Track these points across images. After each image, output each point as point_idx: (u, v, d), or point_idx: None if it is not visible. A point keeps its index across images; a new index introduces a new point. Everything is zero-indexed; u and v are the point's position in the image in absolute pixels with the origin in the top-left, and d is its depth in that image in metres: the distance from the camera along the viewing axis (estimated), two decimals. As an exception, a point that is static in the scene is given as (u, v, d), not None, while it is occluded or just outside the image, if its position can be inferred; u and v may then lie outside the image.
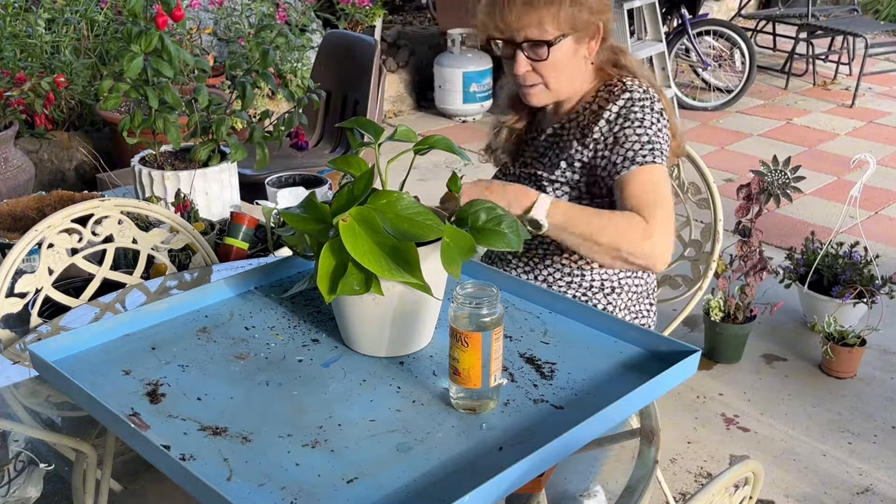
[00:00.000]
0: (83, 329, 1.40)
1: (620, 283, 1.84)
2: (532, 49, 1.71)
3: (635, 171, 1.67)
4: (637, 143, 1.69)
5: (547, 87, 1.77)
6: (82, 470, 1.29)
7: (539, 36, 1.69)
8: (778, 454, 2.57)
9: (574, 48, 1.73)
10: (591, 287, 1.83)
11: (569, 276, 1.83)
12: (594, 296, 1.83)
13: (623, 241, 1.60)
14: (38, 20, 4.04)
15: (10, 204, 2.50)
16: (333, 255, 1.25)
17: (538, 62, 1.72)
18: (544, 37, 1.69)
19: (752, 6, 7.77)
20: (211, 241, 2.16)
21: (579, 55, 1.75)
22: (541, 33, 1.69)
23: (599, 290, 1.83)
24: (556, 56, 1.71)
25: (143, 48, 2.18)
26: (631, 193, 1.66)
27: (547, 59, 1.71)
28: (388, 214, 1.24)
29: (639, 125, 1.71)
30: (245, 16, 4.79)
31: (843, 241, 3.19)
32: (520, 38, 1.71)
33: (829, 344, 2.89)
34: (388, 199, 1.25)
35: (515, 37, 1.71)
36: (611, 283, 1.84)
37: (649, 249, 1.60)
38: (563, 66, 1.74)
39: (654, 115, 1.72)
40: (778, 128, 5.61)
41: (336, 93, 3.66)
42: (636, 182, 1.66)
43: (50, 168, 3.93)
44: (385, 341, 1.35)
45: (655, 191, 1.66)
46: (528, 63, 1.73)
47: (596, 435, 1.20)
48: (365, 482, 1.09)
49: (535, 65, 1.73)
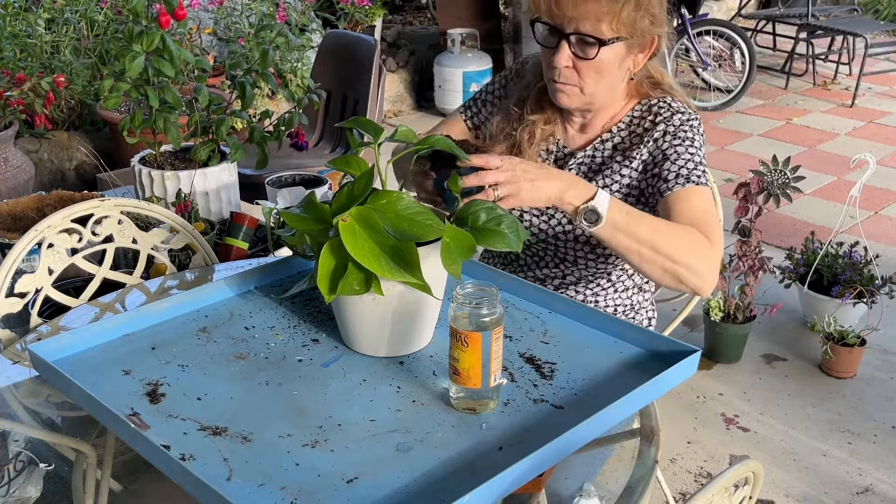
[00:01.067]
0: (83, 329, 1.40)
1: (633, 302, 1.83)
2: (580, 45, 1.56)
3: (689, 190, 1.57)
4: (690, 162, 1.60)
5: (582, 91, 1.62)
6: (82, 470, 1.29)
7: (592, 31, 1.54)
8: (778, 454, 2.57)
9: (623, 56, 1.59)
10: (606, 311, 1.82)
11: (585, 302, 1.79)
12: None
13: (685, 254, 1.47)
14: (38, 20, 4.04)
15: (10, 204, 2.50)
16: (333, 255, 1.25)
17: (582, 60, 1.57)
18: (598, 34, 1.54)
19: (752, 6, 7.77)
20: (211, 241, 2.16)
21: (624, 66, 1.62)
22: (595, 29, 1.53)
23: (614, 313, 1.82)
24: (603, 59, 1.56)
25: (145, 47, 2.18)
26: (686, 211, 1.54)
27: (594, 59, 1.56)
28: (387, 214, 1.24)
29: (690, 144, 1.61)
30: (245, 16, 4.80)
31: (843, 241, 3.19)
32: (570, 29, 1.55)
33: (829, 344, 2.89)
34: (387, 199, 1.25)
35: (566, 26, 1.55)
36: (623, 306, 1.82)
37: (706, 270, 1.48)
38: (606, 72, 1.59)
39: (702, 138, 1.64)
40: (778, 128, 5.61)
41: (336, 93, 3.66)
42: (692, 201, 1.56)
43: (50, 168, 3.93)
44: (385, 341, 1.35)
45: (713, 216, 1.56)
46: (570, 58, 1.57)
47: (596, 435, 1.20)
48: (365, 482, 1.09)
49: (578, 63, 1.58)
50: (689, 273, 1.48)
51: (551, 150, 1.76)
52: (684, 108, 1.67)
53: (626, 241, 1.46)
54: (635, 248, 1.47)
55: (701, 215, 1.54)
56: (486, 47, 5.83)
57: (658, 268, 1.48)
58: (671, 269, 1.48)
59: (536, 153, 1.73)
